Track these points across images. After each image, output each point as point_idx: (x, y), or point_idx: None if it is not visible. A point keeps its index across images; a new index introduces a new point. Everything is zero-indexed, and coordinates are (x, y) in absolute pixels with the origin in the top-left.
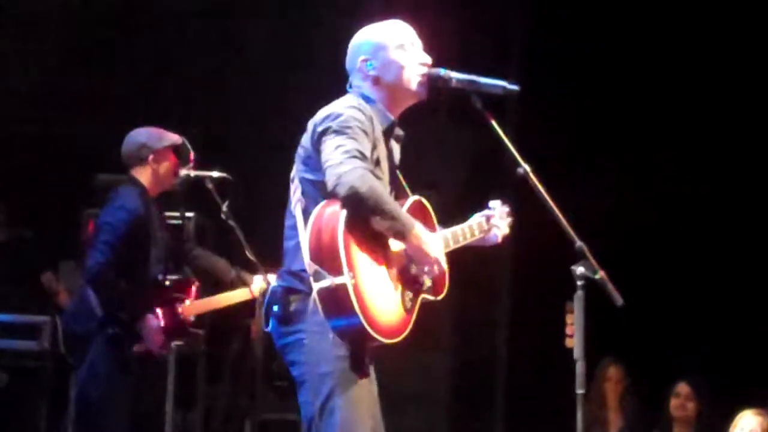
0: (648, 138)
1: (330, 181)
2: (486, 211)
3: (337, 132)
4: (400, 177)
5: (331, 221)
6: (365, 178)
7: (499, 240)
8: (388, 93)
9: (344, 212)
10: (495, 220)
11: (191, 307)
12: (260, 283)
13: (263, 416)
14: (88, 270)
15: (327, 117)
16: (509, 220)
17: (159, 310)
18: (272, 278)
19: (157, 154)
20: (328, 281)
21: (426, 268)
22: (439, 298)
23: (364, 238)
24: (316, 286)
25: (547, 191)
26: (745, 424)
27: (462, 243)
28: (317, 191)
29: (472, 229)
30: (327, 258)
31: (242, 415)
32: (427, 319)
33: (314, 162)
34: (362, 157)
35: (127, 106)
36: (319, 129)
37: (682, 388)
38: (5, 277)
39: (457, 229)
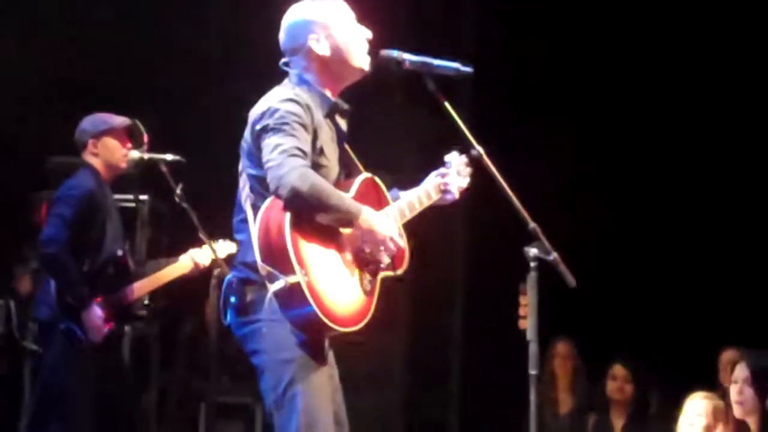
0: (605, 119)
1: (271, 183)
2: (441, 170)
3: (275, 130)
4: (351, 153)
5: (276, 221)
6: (305, 177)
7: (456, 196)
8: (333, 71)
9: (288, 211)
10: (452, 177)
11: (141, 285)
12: (197, 256)
13: (218, 399)
14: (42, 246)
15: (264, 113)
16: (468, 170)
17: (100, 299)
18: (220, 248)
19: (96, 139)
20: (282, 282)
21: (381, 248)
22: (399, 272)
23: (312, 231)
24: (271, 288)
25: (500, 173)
26: (691, 406)
27: (419, 209)
28: (263, 187)
29: (428, 192)
30: (277, 258)
31: (197, 397)
32: (381, 300)
33: (257, 158)
34: (301, 154)
35: (85, 92)
36: (258, 127)
37: (618, 370)
38: None
39: (412, 197)
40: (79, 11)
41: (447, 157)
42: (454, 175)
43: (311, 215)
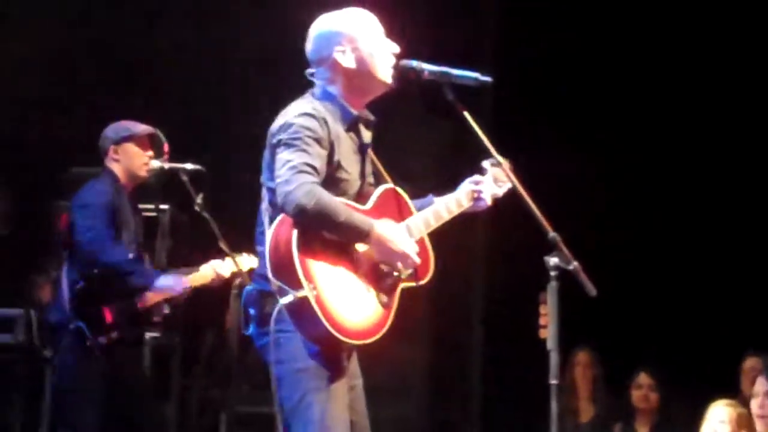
0: (624, 129)
1: (279, 199)
2: (476, 176)
3: (287, 145)
4: (376, 162)
5: (285, 236)
6: (312, 194)
7: (489, 203)
8: (358, 84)
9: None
10: (486, 185)
11: (148, 295)
12: (218, 267)
13: (238, 409)
14: (87, 252)
15: (280, 128)
16: (506, 177)
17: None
18: (243, 261)
19: (117, 145)
20: (291, 296)
21: (397, 264)
22: (423, 282)
23: (322, 247)
24: (281, 302)
25: (521, 182)
26: (714, 414)
27: (447, 218)
28: None
29: (459, 200)
30: (286, 273)
31: (217, 407)
32: (402, 311)
33: (274, 172)
34: (311, 170)
35: (103, 100)
36: (273, 141)
37: (643, 378)
38: None
39: (440, 206)
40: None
41: (484, 163)
42: (489, 182)
43: (320, 231)
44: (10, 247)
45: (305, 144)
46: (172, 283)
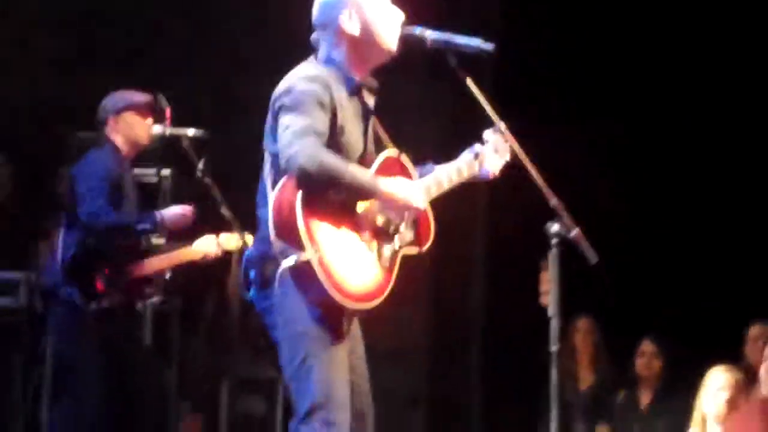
0: (627, 97)
1: (282, 162)
2: (476, 146)
3: (290, 109)
4: (380, 129)
5: (288, 198)
6: (314, 156)
7: (496, 173)
8: (361, 51)
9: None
10: (487, 155)
11: (152, 261)
12: (233, 241)
13: (239, 373)
14: (90, 222)
15: (282, 92)
16: (507, 147)
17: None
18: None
19: (117, 115)
20: (293, 258)
21: (403, 215)
22: (424, 249)
23: (326, 209)
24: (283, 264)
25: (523, 148)
26: (713, 380)
27: (448, 187)
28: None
29: (459, 170)
30: (289, 235)
31: (219, 372)
32: (402, 275)
33: (277, 135)
34: (312, 133)
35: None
36: (276, 105)
37: (647, 346)
38: None
39: (441, 174)
40: None
41: (485, 134)
42: (490, 152)
43: (324, 193)
44: (13, 210)
45: (308, 108)
46: (179, 210)
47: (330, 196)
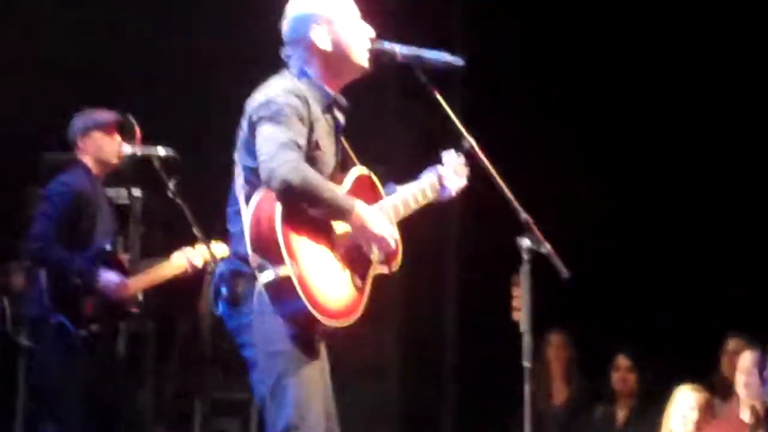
0: (595, 113)
1: (263, 174)
2: (437, 168)
3: (270, 120)
4: (347, 146)
5: (268, 212)
6: (297, 170)
7: (454, 194)
8: (333, 66)
9: (280, 203)
10: (447, 176)
11: (135, 281)
12: (191, 256)
13: (213, 395)
14: (28, 244)
15: (261, 105)
16: (466, 169)
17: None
18: (216, 249)
19: (85, 135)
20: (272, 273)
21: (374, 246)
22: (393, 270)
23: (304, 224)
24: (261, 278)
25: (492, 164)
26: (683, 399)
27: (414, 207)
28: (258, 178)
29: (423, 191)
30: (268, 249)
31: (192, 393)
32: (375, 293)
33: (252, 149)
34: (295, 146)
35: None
36: (254, 118)
37: (622, 360)
38: None
39: (407, 194)
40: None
41: (444, 155)
42: (450, 173)
43: (303, 208)
44: None
45: (288, 120)
46: (112, 285)
47: (308, 212)
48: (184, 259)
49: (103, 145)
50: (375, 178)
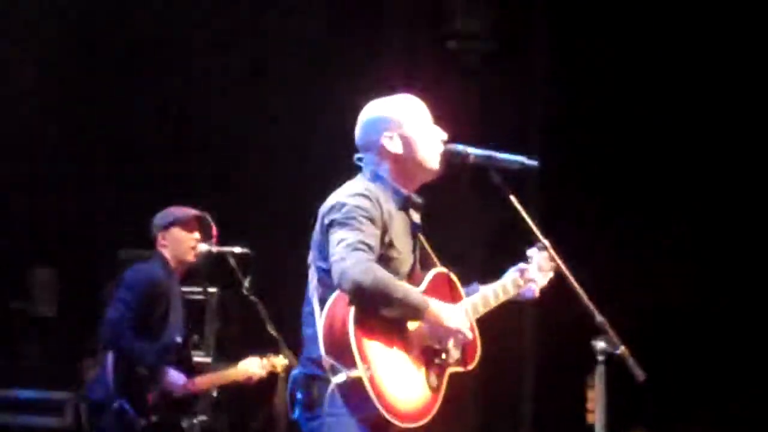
0: (671, 210)
1: (335, 276)
2: (521, 265)
3: (342, 224)
4: (425, 244)
5: (341, 314)
6: (368, 271)
7: (536, 294)
8: (405, 169)
9: (353, 305)
10: (531, 273)
11: (201, 381)
12: (257, 366)
13: None
14: (103, 327)
15: (332, 208)
16: (551, 265)
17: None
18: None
19: (165, 231)
20: (344, 375)
21: (450, 341)
22: (470, 368)
23: (377, 326)
24: (333, 380)
25: (566, 265)
26: None
27: (494, 304)
28: (331, 279)
29: (505, 288)
30: (340, 352)
31: None
32: (450, 392)
33: (326, 251)
34: (366, 248)
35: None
36: (326, 221)
37: None
38: (32, 353)
39: (488, 291)
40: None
41: (529, 252)
42: (534, 270)
43: (376, 309)
44: (59, 329)
45: (359, 223)
46: (176, 388)
47: (381, 313)
48: (249, 368)
49: (182, 240)
50: (454, 277)
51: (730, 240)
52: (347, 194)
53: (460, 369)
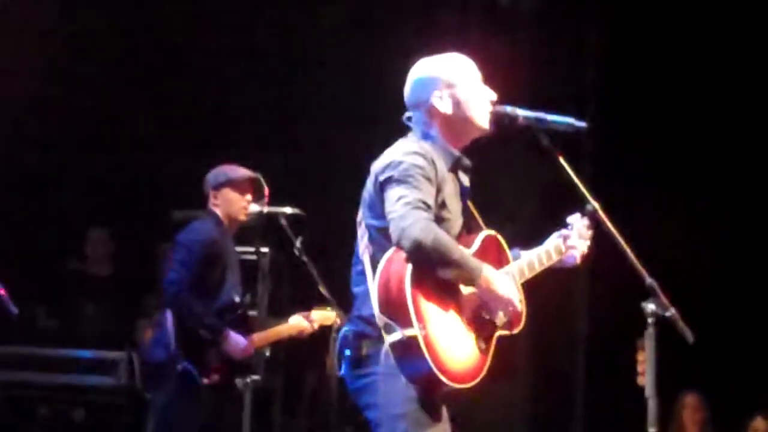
0: (722, 173)
1: (394, 234)
2: (563, 231)
3: (399, 181)
4: (473, 208)
5: (397, 273)
6: (428, 229)
7: (578, 261)
8: (455, 128)
9: (410, 264)
10: (573, 240)
11: (258, 338)
12: (307, 320)
13: None
14: (164, 289)
15: (388, 165)
16: (589, 234)
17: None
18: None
19: (216, 190)
20: (399, 334)
21: (500, 310)
22: (515, 332)
23: (433, 286)
24: (387, 339)
25: (616, 227)
26: None
27: (539, 269)
28: (384, 238)
29: (549, 253)
30: (396, 311)
31: None
32: (502, 351)
33: (379, 209)
34: (425, 206)
35: (205, 141)
36: (381, 178)
37: (759, 423)
38: (87, 313)
39: (533, 256)
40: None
41: (569, 219)
42: (575, 237)
43: (433, 269)
44: (113, 288)
45: (417, 181)
46: (238, 350)
47: (437, 273)
48: (300, 323)
49: (233, 201)
50: (502, 240)
51: None
52: (403, 152)
53: (506, 332)
